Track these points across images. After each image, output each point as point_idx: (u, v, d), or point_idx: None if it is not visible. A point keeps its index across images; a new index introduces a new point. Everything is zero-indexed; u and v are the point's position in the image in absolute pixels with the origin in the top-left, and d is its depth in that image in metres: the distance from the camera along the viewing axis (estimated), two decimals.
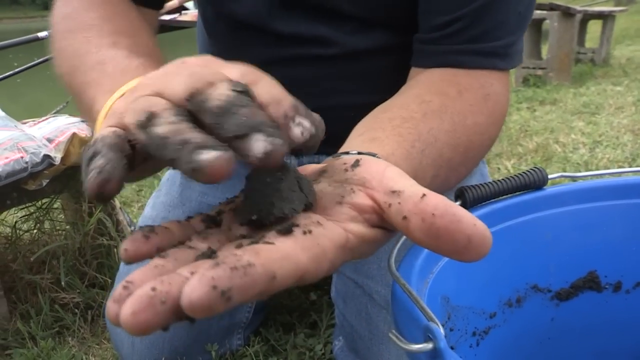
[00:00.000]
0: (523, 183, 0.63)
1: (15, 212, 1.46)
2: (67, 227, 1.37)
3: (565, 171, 1.89)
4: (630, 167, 1.98)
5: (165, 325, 0.23)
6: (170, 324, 0.24)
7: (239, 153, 0.26)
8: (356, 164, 0.34)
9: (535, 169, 0.64)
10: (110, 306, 0.24)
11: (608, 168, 1.96)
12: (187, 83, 0.29)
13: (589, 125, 2.58)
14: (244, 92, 0.28)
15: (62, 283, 1.25)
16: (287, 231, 0.28)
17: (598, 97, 3.20)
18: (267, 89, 0.30)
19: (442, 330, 0.36)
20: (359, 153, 0.39)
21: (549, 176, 0.64)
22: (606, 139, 2.31)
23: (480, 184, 0.60)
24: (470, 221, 0.28)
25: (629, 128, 2.48)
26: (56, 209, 1.45)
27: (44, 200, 1.38)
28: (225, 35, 0.77)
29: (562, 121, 2.68)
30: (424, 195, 0.29)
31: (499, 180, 0.62)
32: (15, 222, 1.36)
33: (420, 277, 0.48)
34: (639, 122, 2.59)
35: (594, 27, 5.34)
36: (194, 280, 0.22)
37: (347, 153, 0.40)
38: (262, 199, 0.31)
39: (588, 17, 4.84)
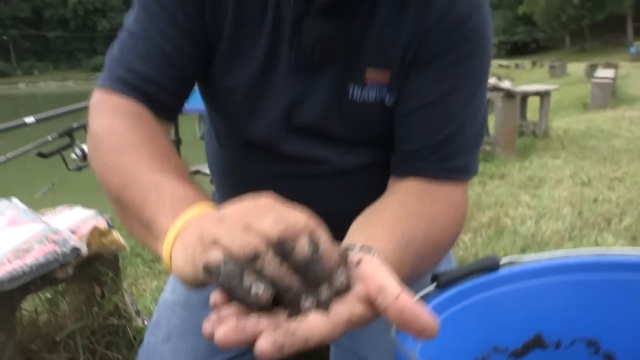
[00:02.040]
0: (482, 267, 0.86)
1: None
2: (82, 308, 1.51)
3: (515, 243, 2.16)
4: (570, 237, 2.27)
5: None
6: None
7: None
8: (359, 262, 0.50)
9: (490, 257, 0.88)
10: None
11: (551, 239, 2.24)
12: (276, 226, 0.44)
13: (534, 198, 2.89)
14: (316, 247, 0.45)
15: None
16: (321, 306, 0.45)
17: (540, 171, 3.56)
18: (323, 241, 0.46)
19: None
20: (361, 248, 0.56)
21: (501, 261, 0.87)
22: (549, 211, 2.62)
23: (449, 270, 0.83)
24: (426, 316, 0.44)
25: (568, 200, 2.81)
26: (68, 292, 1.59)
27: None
28: (237, 149, 0.90)
29: (510, 195, 2.99)
30: (399, 294, 0.45)
31: (463, 266, 0.85)
32: (36, 308, 1.50)
33: (414, 344, 0.69)
34: (575, 194, 2.93)
35: (533, 101, 5.85)
36: (262, 339, 0.40)
37: (353, 246, 0.56)
38: None
39: (527, 94, 5.36)
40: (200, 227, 0.47)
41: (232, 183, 0.94)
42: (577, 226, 2.39)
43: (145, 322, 1.65)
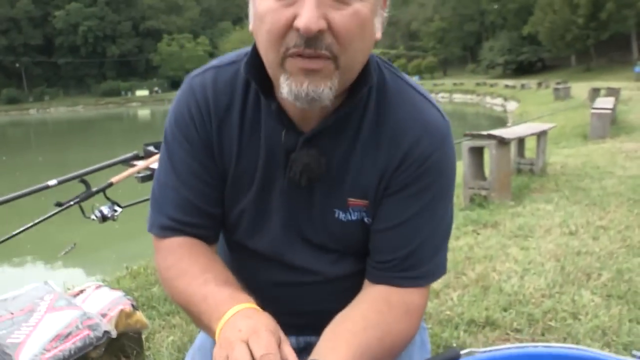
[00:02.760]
0: (445, 358, 1.07)
1: None
2: None
3: (498, 302, 2.36)
4: (550, 294, 2.47)
5: None
6: None
7: None
8: None
9: (452, 349, 1.09)
10: None
11: (532, 297, 2.44)
12: None
13: (522, 250, 3.09)
14: None
15: None
16: None
17: (532, 219, 3.76)
18: None
19: None
20: None
21: (461, 352, 1.08)
22: (534, 266, 2.82)
23: None
24: None
25: (554, 253, 3.01)
26: None
27: None
28: (244, 257, 1.08)
29: (500, 247, 3.19)
30: None
31: (429, 358, 1.06)
32: None
33: None
34: (561, 246, 3.12)
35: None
36: None
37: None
38: None
39: (523, 138, 5.55)
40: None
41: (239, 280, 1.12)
42: (559, 282, 2.59)
43: None
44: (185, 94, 0.98)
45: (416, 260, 0.96)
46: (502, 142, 4.35)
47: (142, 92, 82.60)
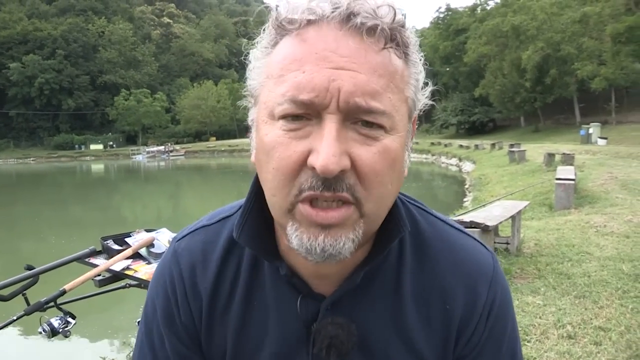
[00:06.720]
0: None
1: None
2: None
3: None
4: None
5: None
6: None
7: None
8: None
9: None
10: None
11: None
12: None
13: None
14: None
15: None
16: None
17: (524, 317, 3.56)
18: None
19: None
20: None
21: None
22: None
23: None
24: None
25: None
26: None
27: None
28: None
29: None
30: None
31: None
32: None
33: None
34: (564, 355, 2.91)
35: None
36: None
37: None
38: None
39: (501, 222, 5.45)
40: None
41: None
42: None
43: None
44: (169, 261, 0.81)
45: None
46: (486, 229, 4.21)
47: (96, 146, 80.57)
